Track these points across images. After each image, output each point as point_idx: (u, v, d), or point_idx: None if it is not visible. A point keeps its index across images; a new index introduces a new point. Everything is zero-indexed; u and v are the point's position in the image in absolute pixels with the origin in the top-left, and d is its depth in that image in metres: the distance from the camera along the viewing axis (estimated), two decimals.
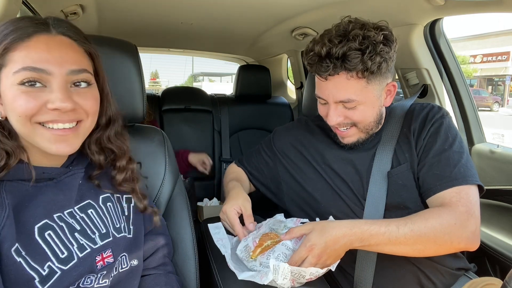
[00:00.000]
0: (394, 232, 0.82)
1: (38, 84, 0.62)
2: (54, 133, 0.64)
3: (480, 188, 0.90)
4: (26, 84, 0.61)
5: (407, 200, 0.94)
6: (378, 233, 0.82)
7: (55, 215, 0.67)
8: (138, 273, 0.80)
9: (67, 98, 0.63)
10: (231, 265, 0.86)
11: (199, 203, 2.02)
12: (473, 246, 0.87)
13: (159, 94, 2.55)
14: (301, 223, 0.96)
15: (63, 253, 0.65)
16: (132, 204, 0.82)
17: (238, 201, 0.97)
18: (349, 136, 1.00)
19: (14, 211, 0.62)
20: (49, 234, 0.65)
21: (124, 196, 0.81)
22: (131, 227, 0.80)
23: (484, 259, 1.26)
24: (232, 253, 0.92)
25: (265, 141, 1.23)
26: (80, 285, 0.67)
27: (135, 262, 0.79)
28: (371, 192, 0.96)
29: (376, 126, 1.00)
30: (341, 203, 1.01)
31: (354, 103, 0.91)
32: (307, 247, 0.81)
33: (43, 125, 0.63)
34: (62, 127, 0.64)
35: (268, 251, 0.85)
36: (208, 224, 0.95)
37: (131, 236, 0.79)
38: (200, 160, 2.03)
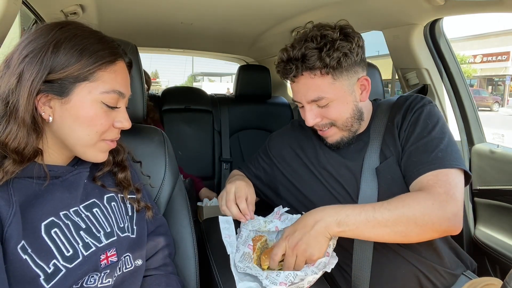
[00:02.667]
0: (370, 212, 0.81)
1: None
2: (108, 144, 0.73)
3: (466, 175, 0.89)
4: (111, 106, 0.69)
5: (398, 193, 0.93)
6: (353, 213, 0.81)
7: (61, 213, 0.68)
8: (142, 273, 0.81)
9: (128, 118, 0.74)
10: (233, 269, 0.86)
11: (199, 203, 2.02)
12: (456, 229, 0.84)
13: (159, 94, 2.55)
14: (282, 213, 1.00)
15: (68, 251, 0.66)
16: (135, 205, 0.83)
17: (248, 187, 1.01)
18: (331, 136, 1.01)
19: (21, 208, 0.62)
20: (55, 232, 0.66)
21: (128, 196, 0.82)
22: (135, 227, 0.81)
23: (484, 259, 1.26)
24: (236, 254, 0.92)
25: (262, 148, 1.24)
26: (84, 284, 0.67)
27: (139, 262, 0.80)
28: (362, 191, 0.96)
29: (356, 122, 1.00)
30: (336, 204, 1.01)
31: (324, 101, 0.94)
32: (283, 238, 0.84)
33: (103, 140, 0.71)
34: (111, 140, 0.74)
35: (278, 270, 0.85)
36: (219, 216, 0.94)
37: (134, 236, 0.80)
38: (208, 198, 1.97)
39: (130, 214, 0.82)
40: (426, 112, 0.95)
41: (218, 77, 24.58)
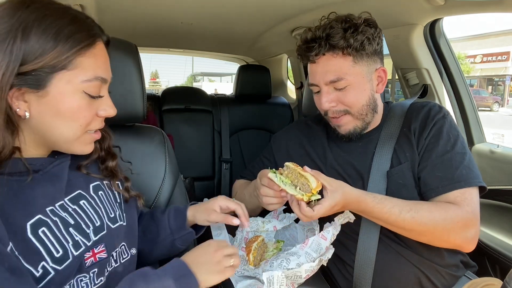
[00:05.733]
0: (394, 215, 0.85)
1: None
2: (92, 136, 0.67)
3: (482, 187, 0.92)
4: (93, 96, 0.62)
5: (407, 199, 0.94)
6: (380, 212, 0.86)
7: (47, 209, 0.62)
8: (135, 263, 0.78)
9: (113, 104, 0.67)
10: None
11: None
12: (469, 248, 0.89)
13: (159, 94, 2.55)
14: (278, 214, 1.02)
15: (58, 252, 0.60)
16: (126, 194, 0.79)
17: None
18: (345, 124, 1.00)
19: (0, 209, 0.55)
20: (43, 231, 0.59)
21: (116, 182, 0.78)
22: (124, 214, 0.77)
23: (484, 259, 1.26)
24: None
25: (266, 149, 1.23)
26: None
27: (133, 251, 0.77)
28: (370, 191, 0.96)
29: (371, 113, 1.00)
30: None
31: (343, 82, 0.94)
32: (334, 202, 0.82)
33: (87, 132, 0.65)
34: (95, 131, 0.67)
35: (271, 259, 0.85)
36: (211, 224, 0.95)
37: (125, 223, 0.76)
38: None
39: (118, 201, 0.78)
40: (447, 124, 0.96)
41: (218, 77, 24.57)
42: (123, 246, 0.74)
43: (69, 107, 0.59)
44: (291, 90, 3.09)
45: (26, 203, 0.60)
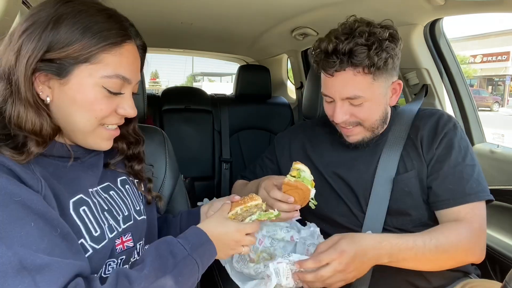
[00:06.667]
0: (421, 248, 0.83)
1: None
2: (109, 132, 0.69)
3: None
4: (112, 91, 0.64)
5: (410, 207, 0.93)
6: (406, 248, 0.82)
7: (89, 190, 0.67)
8: None
9: (134, 106, 0.70)
10: (233, 276, 0.87)
11: (199, 203, 2.02)
12: (481, 259, 0.89)
13: (159, 94, 2.55)
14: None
15: (96, 231, 0.64)
16: (148, 196, 0.83)
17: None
18: (355, 135, 0.99)
19: (47, 183, 0.60)
20: (83, 210, 0.64)
21: (136, 181, 0.82)
22: (145, 210, 0.80)
23: (484, 260, 1.26)
24: (231, 264, 0.92)
25: (269, 149, 1.23)
26: (102, 274, 0.65)
27: None
28: (374, 196, 0.95)
29: (381, 125, 0.99)
30: (344, 208, 1.00)
31: (360, 100, 0.91)
32: (338, 251, 0.79)
33: (103, 125, 0.67)
34: (114, 128, 0.70)
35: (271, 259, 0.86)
36: None
37: (146, 219, 0.79)
38: None
39: (141, 197, 0.82)
40: (458, 135, 0.95)
41: (218, 77, 24.55)
42: (142, 242, 0.77)
43: (85, 98, 0.62)
44: (291, 90, 3.09)
45: (70, 183, 0.64)
